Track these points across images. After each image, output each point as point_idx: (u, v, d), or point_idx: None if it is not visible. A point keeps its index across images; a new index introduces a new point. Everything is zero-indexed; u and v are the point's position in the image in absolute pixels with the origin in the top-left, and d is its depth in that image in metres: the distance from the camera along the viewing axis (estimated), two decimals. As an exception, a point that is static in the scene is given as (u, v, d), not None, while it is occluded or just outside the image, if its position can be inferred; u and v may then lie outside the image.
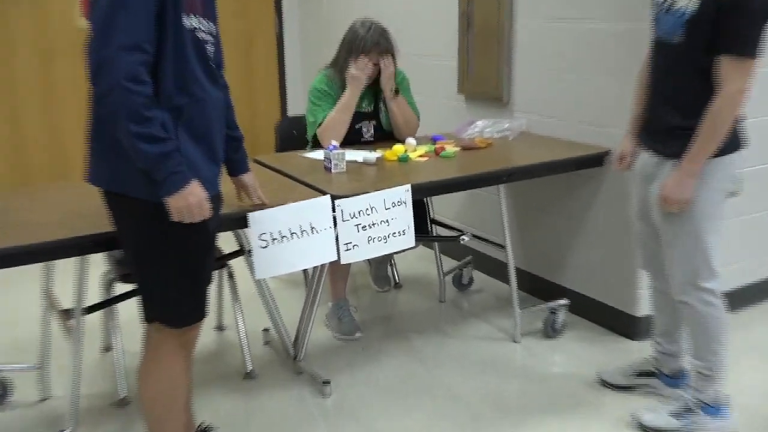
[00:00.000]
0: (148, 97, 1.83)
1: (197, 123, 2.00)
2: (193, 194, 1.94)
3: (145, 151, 1.84)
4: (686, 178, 2.27)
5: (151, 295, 2.13)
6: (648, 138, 2.50)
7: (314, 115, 3.35)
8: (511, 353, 3.20)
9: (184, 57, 1.93)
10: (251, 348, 3.13)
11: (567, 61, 3.37)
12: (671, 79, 2.35)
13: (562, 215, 3.53)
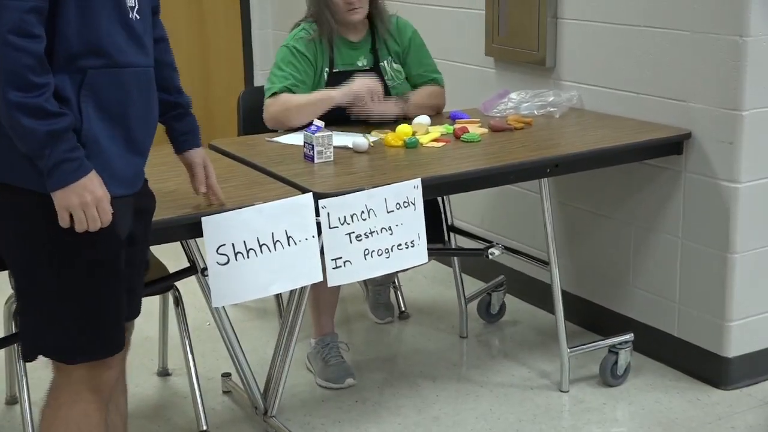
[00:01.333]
0: (38, 57, 1.79)
1: (110, 96, 1.96)
2: (88, 191, 1.88)
3: (30, 127, 1.79)
4: None
5: (36, 318, 2.07)
6: None
7: (271, 81, 3.40)
8: (557, 406, 3.22)
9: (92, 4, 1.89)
10: (206, 400, 3.13)
11: (632, 11, 3.40)
12: None
13: (626, 221, 3.55)
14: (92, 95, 1.91)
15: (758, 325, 3.28)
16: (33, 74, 1.77)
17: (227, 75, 5.45)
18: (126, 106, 2.01)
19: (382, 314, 3.96)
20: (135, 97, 2.03)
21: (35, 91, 1.77)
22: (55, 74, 1.85)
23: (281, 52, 3.45)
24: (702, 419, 3.09)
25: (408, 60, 3.57)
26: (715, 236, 3.21)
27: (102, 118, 1.94)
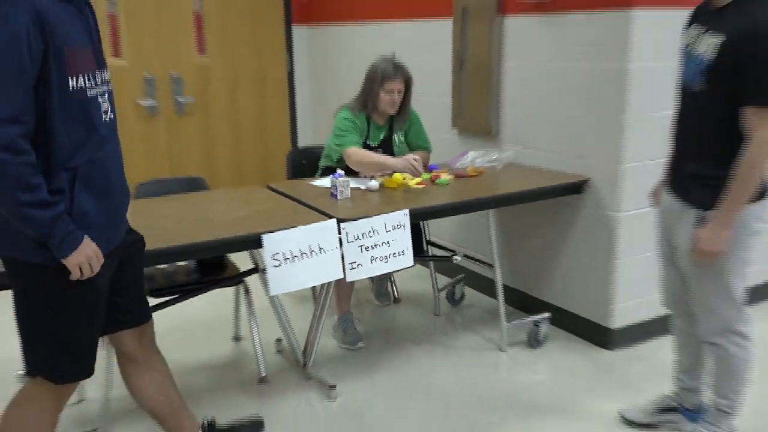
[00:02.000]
0: (31, 165, 1.68)
1: (98, 181, 1.85)
2: (89, 246, 1.81)
3: (40, 217, 1.71)
4: (723, 230, 2.09)
5: (34, 350, 1.94)
6: (674, 183, 2.31)
7: (341, 140, 3.31)
8: (498, 362, 3.22)
9: (75, 118, 1.77)
10: (265, 356, 3.15)
11: (549, 98, 3.39)
12: (696, 127, 2.18)
13: (544, 237, 3.55)
14: (83, 183, 1.81)
15: (632, 307, 3.28)
16: (32, 177, 1.68)
17: (279, 139, 5.44)
18: (110, 185, 1.91)
19: (382, 299, 3.97)
20: (115, 176, 1.93)
21: (37, 190, 1.70)
22: (55, 173, 1.76)
23: (341, 123, 3.34)
24: (595, 369, 3.11)
25: (410, 132, 3.55)
26: (604, 248, 3.22)
27: (91, 197, 1.84)
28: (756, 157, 2.02)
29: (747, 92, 1.99)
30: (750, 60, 1.95)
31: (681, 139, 2.27)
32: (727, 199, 2.07)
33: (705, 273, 2.22)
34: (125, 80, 4.81)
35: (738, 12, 2.01)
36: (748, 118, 2.01)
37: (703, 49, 2.07)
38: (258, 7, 5.19)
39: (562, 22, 3.26)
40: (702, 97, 2.11)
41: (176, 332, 3.60)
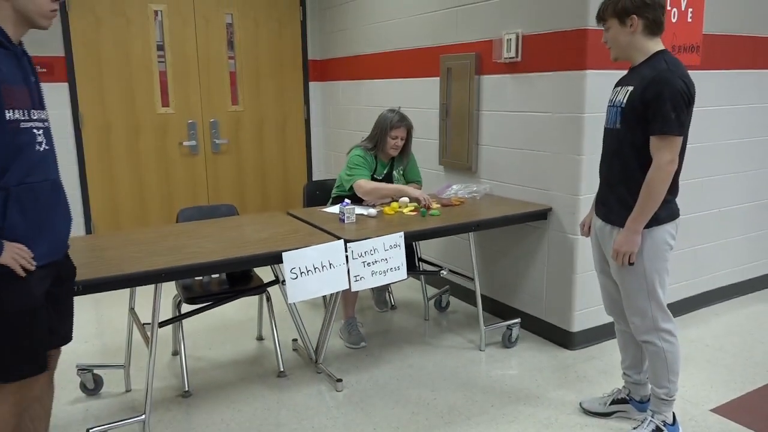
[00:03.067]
0: None
1: (28, 203, 1.76)
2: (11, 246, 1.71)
3: None
4: (632, 236, 2.17)
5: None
6: (603, 210, 2.34)
7: (353, 172, 3.34)
8: (477, 359, 3.19)
9: (8, 145, 1.70)
10: (283, 353, 3.13)
11: (519, 141, 3.40)
12: (617, 161, 2.25)
13: (516, 255, 3.53)
14: (15, 202, 1.72)
15: (589, 314, 3.25)
16: None
17: (297, 174, 5.46)
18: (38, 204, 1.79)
19: (381, 306, 3.94)
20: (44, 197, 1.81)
21: None
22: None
23: (354, 160, 3.37)
24: (558, 365, 3.08)
25: (407, 169, 3.56)
26: (565, 264, 3.21)
27: (20, 215, 1.74)
28: (656, 176, 2.11)
29: (652, 125, 2.10)
30: (652, 100, 2.08)
31: (606, 172, 2.33)
32: (634, 211, 2.16)
33: (630, 281, 2.27)
34: (172, 125, 4.83)
35: (643, 68, 2.17)
36: (652, 146, 2.12)
37: (620, 98, 2.21)
38: (282, 68, 5.22)
39: (529, 80, 3.27)
40: (620, 135, 2.21)
41: (209, 333, 3.57)
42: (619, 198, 2.24)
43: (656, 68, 2.12)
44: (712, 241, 3.73)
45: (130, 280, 2.26)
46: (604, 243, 2.36)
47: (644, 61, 2.18)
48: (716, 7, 3.35)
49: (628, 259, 2.21)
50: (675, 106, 2.07)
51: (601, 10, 2.24)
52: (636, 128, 2.15)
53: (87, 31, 4.43)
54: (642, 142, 2.15)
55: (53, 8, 1.81)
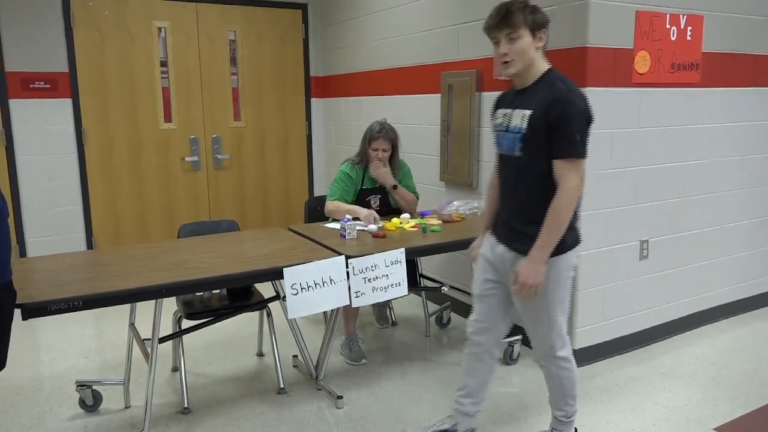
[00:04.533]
0: None
1: None
2: None
3: None
4: (538, 265, 2.04)
5: None
6: (506, 237, 2.22)
7: (332, 190, 3.42)
8: (479, 376, 3.18)
9: None
10: (283, 370, 3.12)
11: None
12: (520, 189, 2.13)
13: (517, 272, 3.53)
14: None
15: (590, 331, 3.25)
16: None
17: (298, 189, 5.48)
18: None
19: (382, 323, 3.92)
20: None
21: None
22: None
23: (340, 174, 3.43)
24: (560, 384, 3.07)
25: (401, 182, 3.55)
26: (566, 281, 3.21)
27: None
28: (563, 202, 2.00)
29: (555, 148, 2.00)
30: (556, 123, 1.98)
31: (509, 199, 2.21)
32: (540, 239, 2.04)
33: (535, 312, 2.19)
34: (174, 141, 4.86)
35: (539, 89, 2.06)
36: (558, 170, 2.01)
37: (516, 123, 2.09)
38: (284, 84, 5.27)
39: (530, 96, 3.29)
40: (521, 162, 2.10)
41: (210, 348, 3.56)
42: (524, 225, 2.12)
43: (555, 88, 2.02)
44: (716, 257, 3.73)
45: (131, 296, 2.26)
46: (504, 269, 2.23)
47: (537, 80, 2.08)
48: (715, 25, 3.39)
49: (532, 290, 2.07)
50: (579, 128, 1.99)
51: (507, 16, 2.03)
52: (538, 154, 2.04)
53: (91, 48, 4.48)
54: (546, 168, 2.04)
55: None
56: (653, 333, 3.50)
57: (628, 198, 3.24)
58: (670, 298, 3.56)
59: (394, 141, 3.44)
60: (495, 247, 2.27)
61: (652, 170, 3.30)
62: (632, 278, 3.35)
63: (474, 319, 2.41)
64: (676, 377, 3.11)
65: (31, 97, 4.32)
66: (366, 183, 3.48)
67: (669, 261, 3.50)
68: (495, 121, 2.23)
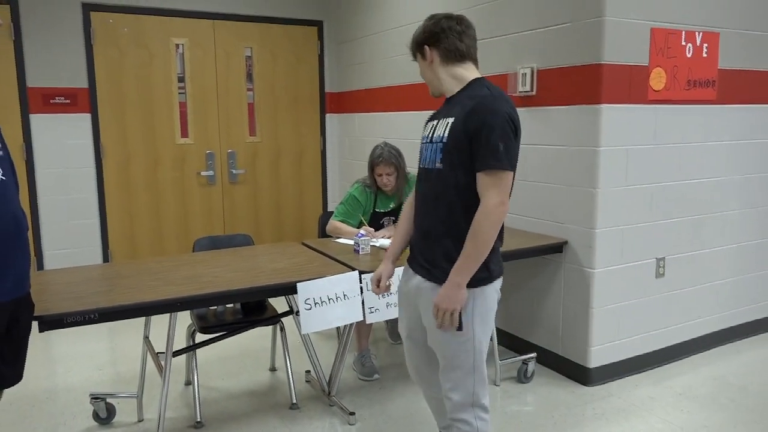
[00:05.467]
0: None
1: None
2: None
3: None
4: (455, 290, 1.83)
5: None
6: (422, 264, 1.98)
7: (338, 210, 3.44)
8: (492, 394, 3.14)
9: None
10: (296, 385, 3.11)
11: (535, 174, 3.41)
12: (440, 206, 1.91)
13: (531, 288, 3.51)
14: None
15: (606, 349, 3.21)
16: None
17: (312, 204, 5.50)
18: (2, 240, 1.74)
19: (395, 338, 3.90)
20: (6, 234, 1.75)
21: None
22: None
23: (348, 196, 3.44)
24: (575, 402, 3.03)
25: (407, 193, 3.51)
26: (581, 298, 3.19)
27: None
28: (483, 221, 1.79)
29: (477, 160, 1.81)
30: (477, 130, 1.80)
31: (426, 221, 1.97)
32: (460, 261, 1.82)
33: (457, 351, 1.92)
34: (191, 155, 4.91)
35: (462, 97, 1.92)
36: (481, 183, 1.82)
37: (438, 133, 1.92)
38: (299, 100, 5.32)
39: (544, 113, 3.30)
40: (441, 176, 1.89)
41: (223, 363, 3.57)
42: (445, 251, 1.89)
43: (476, 95, 1.86)
44: (734, 276, 3.68)
45: (146, 309, 2.28)
46: (422, 303, 1.99)
47: (461, 90, 1.94)
48: (732, 42, 3.38)
49: (451, 320, 1.85)
50: (502, 136, 1.79)
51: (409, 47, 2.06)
52: (459, 166, 1.84)
53: (110, 64, 4.56)
54: (467, 182, 1.84)
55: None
56: (670, 352, 3.46)
57: (643, 215, 3.22)
58: (687, 317, 3.51)
59: (397, 163, 3.39)
60: (410, 279, 2.04)
61: (668, 187, 3.28)
62: (648, 296, 3.32)
63: (409, 362, 2.20)
64: (694, 398, 3.06)
65: (52, 112, 4.40)
66: (379, 206, 3.47)
67: (686, 279, 3.46)
68: (423, 134, 2.07)
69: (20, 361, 1.94)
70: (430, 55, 1.97)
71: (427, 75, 2.01)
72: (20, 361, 1.94)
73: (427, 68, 2.00)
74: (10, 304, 1.81)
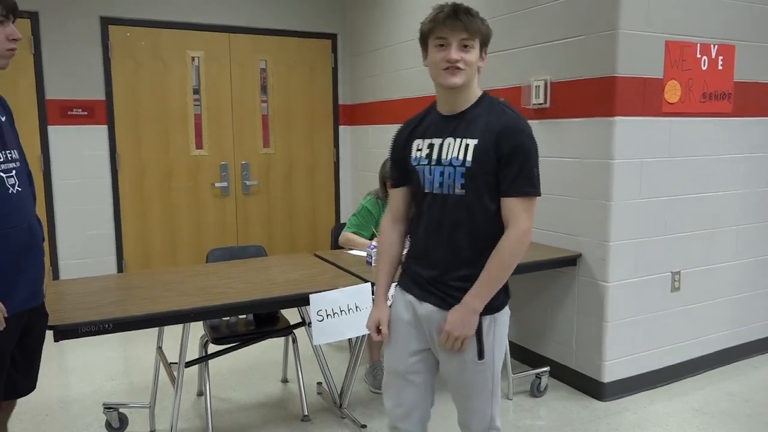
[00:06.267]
0: None
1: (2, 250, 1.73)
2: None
3: None
4: (469, 316, 1.72)
5: None
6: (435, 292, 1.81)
7: (350, 222, 3.47)
8: (506, 408, 3.12)
9: None
10: (308, 397, 3.10)
11: (547, 186, 3.34)
12: (461, 235, 1.75)
13: (545, 302, 3.49)
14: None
15: (621, 364, 3.18)
16: None
17: (325, 215, 5.52)
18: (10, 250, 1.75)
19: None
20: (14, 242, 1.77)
21: None
22: None
23: (361, 208, 3.47)
24: (589, 417, 3.00)
25: None
26: (595, 311, 3.16)
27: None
28: (515, 248, 1.70)
29: (509, 184, 1.70)
30: (511, 154, 1.68)
31: (439, 248, 1.79)
32: (479, 286, 1.71)
33: (477, 379, 1.82)
34: (205, 166, 4.95)
35: (480, 115, 1.75)
36: (512, 209, 1.70)
37: (452, 155, 1.73)
38: (312, 111, 5.35)
39: (558, 126, 3.29)
40: (466, 202, 1.73)
41: (235, 374, 3.57)
42: (465, 280, 1.75)
43: (504, 114, 1.73)
44: (751, 290, 3.63)
45: (160, 320, 2.29)
46: (432, 333, 1.83)
47: (474, 104, 1.78)
48: (748, 55, 3.36)
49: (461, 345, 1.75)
50: (536, 161, 1.72)
51: (468, 19, 1.70)
52: (485, 192, 1.72)
53: (127, 76, 4.62)
54: (494, 209, 1.73)
55: (9, 47, 1.77)
56: (685, 367, 3.41)
57: (658, 228, 3.19)
58: (703, 331, 3.47)
59: None
60: (417, 307, 1.84)
61: (683, 200, 3.25)
62: (664, 310, 3.28)
63: (396, 405, 1.95)
64: (711, 414, 3.01)
65: (69, 123, 4.46)
66: None
67: (702, 293, 3.42)
68: (411, 154, 1.82)
69: (34, 370, 1.96)
70: (486, 59, 1.78)
71: (472, 70, 1.74)
72: (34, 371, 1.96)
73: (476, 63, 1.75)
74: (24, 314, 1.83)
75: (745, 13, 3.32)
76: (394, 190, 1.94)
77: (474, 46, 1.73)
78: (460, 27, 1.69)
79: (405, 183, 1.89)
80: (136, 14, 4.59)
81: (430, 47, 1.76)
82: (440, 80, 1.75)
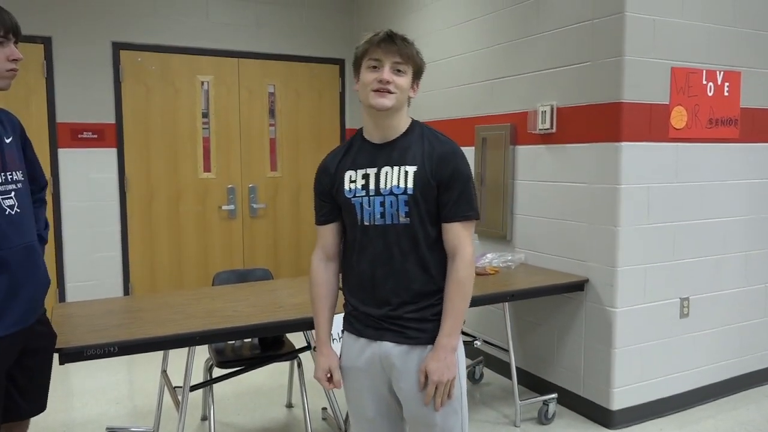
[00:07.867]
0: None
1: None
2: None
3: None
4: (449, 357, 1.66)
5: None
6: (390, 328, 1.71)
7: None
8: (512, 435, 3.11)
9: None
10: (312, 422, 3.06)
11: (554, 211, 3.40)
12: (409, 265, 1.69)
13: (552, 327, 3.47)
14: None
15: (629, 391, 3.14)
16: None
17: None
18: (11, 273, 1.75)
19: None
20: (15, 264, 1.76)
21: None
22: None
23: None
24: (598, 446, 2.96)
25: None
26: (603, 338, 3.14)
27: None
28: (467, 274, 1.67)
29: (450, 209, 1.67)
30: (450, 178, 1.66)
31: (389, 282, 1.70)
32: (449, 323, 1.66)
33: (449, 416, 1.72)
34: (212, 189, 4.98)
35: (413, 142, 1.72)
36: (457, 233, 1.67)
37: (392, 183, 1.68)
38: (320, 135, 5.39)
39: (565, 151, 3.30)
40: (409, 230, 1.68)
41: (239, 398, 3.55)
42: (420, 311, 1.70)
43: (438, 140, 1.72)
44: (761, 316, 3.60)
45: (166, 343, 2.29)
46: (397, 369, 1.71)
47: (406, 132, 1.73)
48: (754, 81, 3.37)
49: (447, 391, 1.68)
50: (473, 184, 1.72)
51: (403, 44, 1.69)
52: (427, 219, 1.68)
53: (137, 100, 4.68)
54: (436, 235, 1.69)
55: (10, 68, 1.77)
56: (695, 395, 3.36)
57: (666, 254, 3.17)
58: (713, 359, 3.43)
59: None
60: (374, 347, 1.74)
61: (691, 226, 3.24)
62: (672, 337, 3.25)
63: None
64: (722, 443, 2.97)
65: (79, 146, 4.51)
66: None
67: (711, 320, 3.39)
68: (345, 186, 1.74)
69: (40, 391, 1.95)
70: (416, 90, 1.77)
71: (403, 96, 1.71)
72: (40, 392, 1.95)
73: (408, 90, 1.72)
74: (18, 335, 1.81)
75: (751, 40, 3.34)
76: (323, 227, 1.84)
77: (407, 72, 1.70)
78: (395, 50, 1.66)
79: (335, 219, 1.81)
80: (148, 39, 4.66)
81: (363, 69, 1.72)
82: (370, 101, 1.68)
